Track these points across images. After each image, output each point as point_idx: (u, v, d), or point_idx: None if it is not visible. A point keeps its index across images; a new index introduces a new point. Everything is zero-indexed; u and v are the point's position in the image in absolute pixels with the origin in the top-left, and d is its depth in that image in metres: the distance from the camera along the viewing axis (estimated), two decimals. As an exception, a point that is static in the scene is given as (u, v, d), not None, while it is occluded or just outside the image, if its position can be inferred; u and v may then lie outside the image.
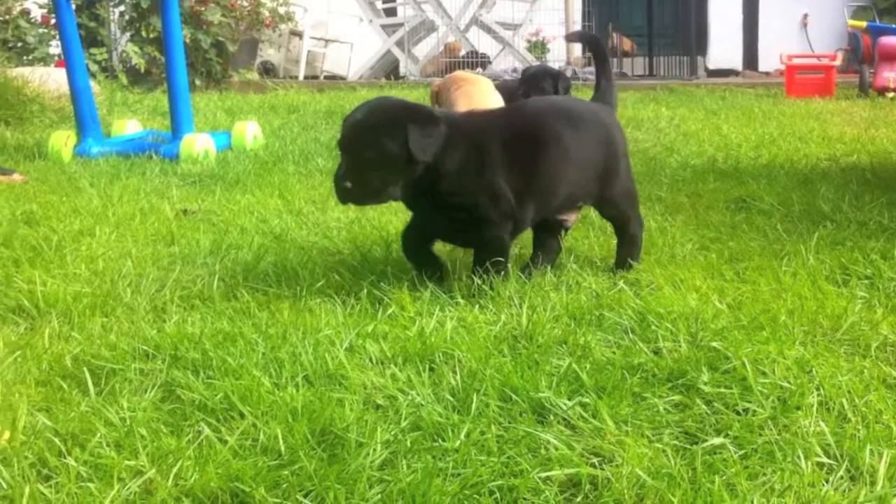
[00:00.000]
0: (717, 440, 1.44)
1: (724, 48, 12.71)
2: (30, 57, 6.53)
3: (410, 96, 7.66)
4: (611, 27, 11.67)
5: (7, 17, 6.40)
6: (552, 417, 1.53)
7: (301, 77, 10.60)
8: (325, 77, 11.27)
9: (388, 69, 11.68)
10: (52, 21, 6.94)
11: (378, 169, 2.10)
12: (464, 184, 2.18)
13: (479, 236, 2.24)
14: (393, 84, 9.58)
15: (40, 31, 6.71)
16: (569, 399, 1.58)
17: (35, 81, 5.11)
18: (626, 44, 11.82)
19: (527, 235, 2.48)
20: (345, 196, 2.12)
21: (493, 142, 2.23)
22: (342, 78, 11.24)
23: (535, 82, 4.43)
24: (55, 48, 6.86)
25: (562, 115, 2.38)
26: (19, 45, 6.42)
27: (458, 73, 4.52)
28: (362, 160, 2.09)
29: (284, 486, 1.32)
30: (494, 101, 4.21)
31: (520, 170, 2.23)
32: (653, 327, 1.94)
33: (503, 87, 4.39)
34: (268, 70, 10.22)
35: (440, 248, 2.41)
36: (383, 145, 2.08)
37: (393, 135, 2.08)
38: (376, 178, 2.10)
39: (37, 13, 6.98)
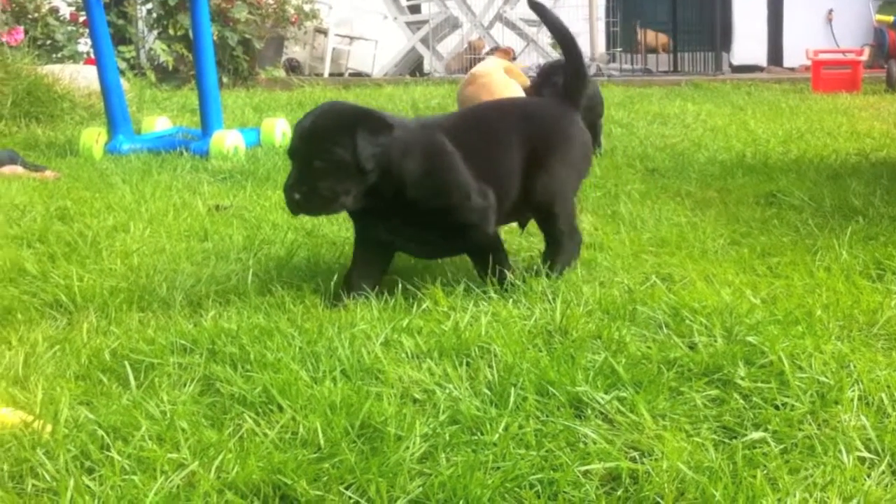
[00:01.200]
0: (757, 434, 1.43)
1: (748, 44, 12.62)
2: (58, 55, 6.59)
3: (436, 93, 7.67)
4: (637, 23, 11.61)
5: (36, 14, 6.46)
6: (590, 412, 1.53)
7: (326, 74, 10.63)
8: (350, 74, 11.29)
9: (413, 66, 11.69)
10: (81, 19, 7.01)
11: (328, 177, 2.01)
12: (432, 187, 2.11)
13: (466, 240, 2.20)
14: (418, 80, 9.58)
15: (69, 28, 6.78)
16: (605, 393, 1.58)
17: (65, 79, 5.16)
18: (662, 39, 11.71)
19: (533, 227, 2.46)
20: (295, 207, 2.03)
21: (448, 140, 2.17)
22: (367, 75, 11.25)
23: (546, 77, 4.41)
24: (83, 46, 6.93)
25: (510, 111, 2.38)
26: (48, 42, 6.49)
27: (474, 69, 4.53)
28: (311, 169, 2.01)
29: (325, 478, 1.32)
30: (514, 90, 4.20)
31: (477, 163, 2.18)
32: (687, 322, 1.93)
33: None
34: (293, 68, 10.25)
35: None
36: (332, 153, 2.00)
37: (342, 142, 2.00)
38: (326, 187, 2.01)
39: (65, 11, 7.04)
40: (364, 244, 2.19)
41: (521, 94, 4.21)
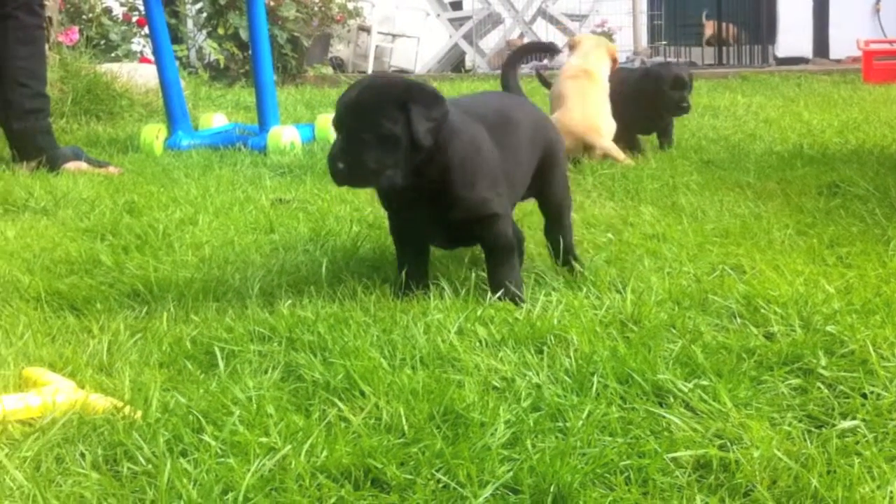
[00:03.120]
0: (848, 423, 1.41)
1: (793, 36, 12.48)
2: (112, 54, 6.70)
3: (482, 88, 7.66)
4: (704, 14, 11.47)
5: (90, 15, 6.58)
6: (672, 399, 1.52)
7: (369, 71, 10.69)
8: (393, 72, 11.35)
9: (455, 63, 11.71)
10: (134, 18, 7.13)
11: (376, 150, 1.89)
12: (470, 174, 2.00)
13: (488, 232, 2.05)
14: (463, 76, 9.60)
15: (122, 28, 6.90)
16: (686, 381, 1.57)
17: (123, 77, 5.25)
18: (730, 30, 11.55)
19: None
20: (339, 177, 1.92)
21: (482, 126, 2.06)
22: (409, 72, 11.30)
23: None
24: (136, 45, 7.05)
25: (517, 105, 2.28)
26: (103, 42, 6.61)
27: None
28: (359, 139, 1.90)
29: (412, 463, 1.33)
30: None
31: (502, 154, 2.08)
32: (762, 311, 1.92)
33: (619, 75, 4.36)
34: (337, 65, 10.33)
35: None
36: (381, 126, 1.88)
37: (391, 115, 1.88)
38: (374, 158, 1.89)
39: (118, 11, 7.17)
40: (404, 242, 2.11)
41: (608, 101, 4.17)
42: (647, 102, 4.27)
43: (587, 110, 4.06)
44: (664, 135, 4.45)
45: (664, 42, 11.28)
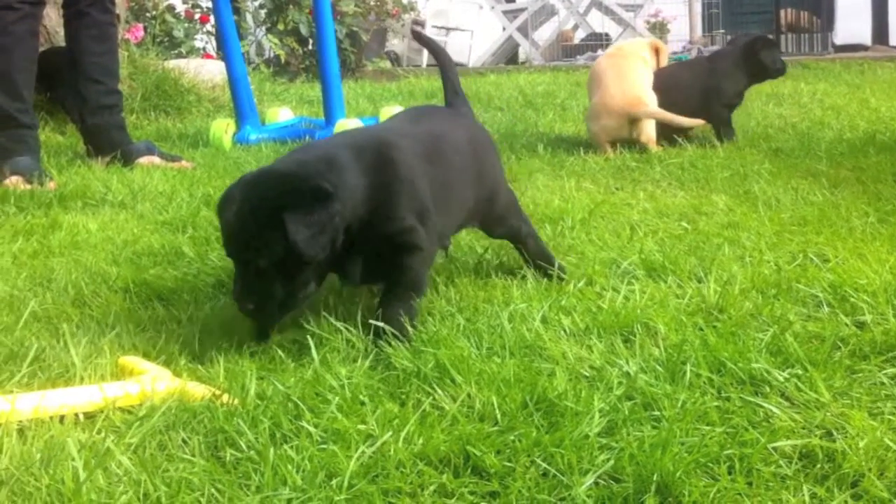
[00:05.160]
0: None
1: (851, 23, 12.21)
2: (176, 51, 6.82)
3: (539, 80, 7.63)
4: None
5: (154, 12, 6.71)
6: (768, 389, 1.51)
7: (423, 65, 10.71)
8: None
9: (508, 56, 11.68)
10: (196, 15, 7.25)
11: (277, 277, 1.64)
12: (395, 214, 1.75)
13: (404, 267, 1.77)
14: (520, 68, 9.57)
15: (185, 25, 7.01)
16: (779, 370, 1.55)
17: (190, 73, 5.33)
18: (807, 17, 11.28)
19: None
20: (256, 318, 1.71)
21: (412, 157, 1.81)
22: (462, 65, 11.29)
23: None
24: (199, 42, 7.17)
25: (453, 124, 2.06)
26: (166, 39, 6.72)
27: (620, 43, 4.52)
28: (256, 270, 1.64)
29: (509, 451, 1.33)
30: (642, 72, 4.15)
31: (436, 186, 1.83)
32: (851, 300, 1.88)
33: (690, 65, 4.34)
34: (392, 59, 10.38)
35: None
36: (269, 251, 1.61)
37: (272, 236, 1.60)
38: (280, 288, 1.65)
39: (180, 8, 7.29)
40: None
41: (649, 75, 4.14)
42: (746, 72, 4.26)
43: (625, 85, 4.02)
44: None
45: (722, 31, 11.10)
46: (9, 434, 1.37)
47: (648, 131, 4.02)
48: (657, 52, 4.26)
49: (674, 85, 4.18)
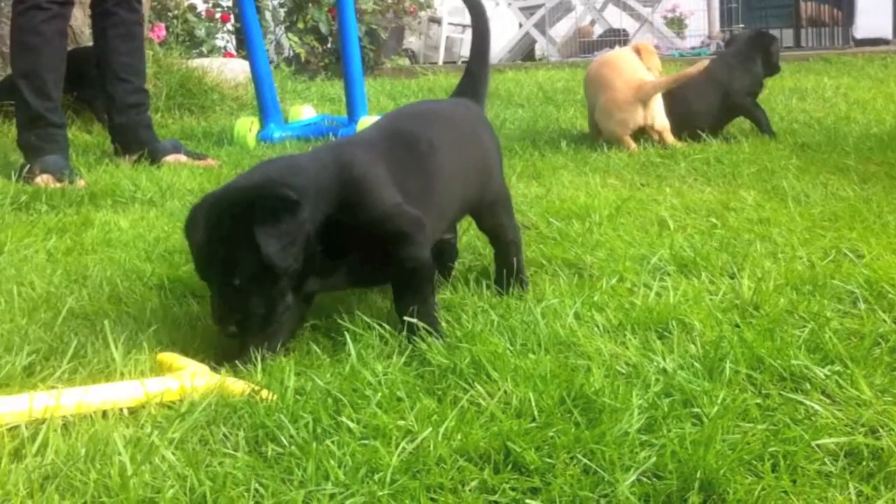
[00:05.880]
0: None
1: (872, 16, 12.12)
2: (197, 50, 6.86)
3: (558, 76, 7.61)
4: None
5: (176, 11, 6.74)
6: (808, 386, 1.50)
7: (440, 63, 10.71)
8: (464, 62, 11.35)
9: (525, 52, 11.65)
10: (218, 15, 7.29)
11: (254, 293, 1.60)
12: (366, 202, 1.71)
13: (397, 259, 1.73)
14: (538, 65, 9.55)
15: (206, 24, 7.05)
16: (819, 367, 1.54)
17: (213, 72, 5.36)
18: (830, 12, 11.19)
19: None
20: (235, 336, 1.66)
21: (376, 160, 1.77)
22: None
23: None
24: (221, 41, 7.21)
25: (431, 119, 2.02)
26: (188, 39, 6.76)
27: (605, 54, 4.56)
28: (232, 290, 1.61)
29: (547, 447, 1.33)
30: (640, 71, 4.16)
31: (410, 181, 1.79)
32: (889, 296, 1.87)
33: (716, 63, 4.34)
34: (409, 57, 10.38)
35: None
36: (244, 269, 1.58)
37: (244, 253, 1.57)
38: (259, 303, 1.61)
39: (201, 8, 7.33)
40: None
41: (647, 75, 4.16)
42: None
43: (625, 77, 4.08)
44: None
45: (741, 25, 11.03)
46: (54, 429, 1.38)
47: (660, 118, 4.04)
48: (640, 52, 4.30)
49: (689, 91, 4.17)
